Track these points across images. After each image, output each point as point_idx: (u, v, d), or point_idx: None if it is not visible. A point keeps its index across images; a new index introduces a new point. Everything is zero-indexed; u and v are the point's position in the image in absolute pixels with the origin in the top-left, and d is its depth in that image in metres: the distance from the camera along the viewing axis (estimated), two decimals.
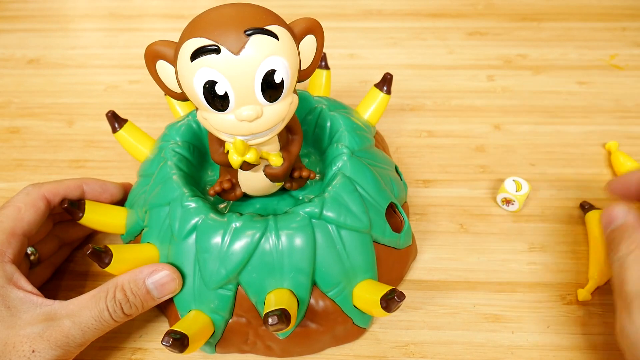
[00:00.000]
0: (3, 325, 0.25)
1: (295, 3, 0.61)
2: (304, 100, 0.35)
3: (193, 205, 0.28)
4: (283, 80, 0.24)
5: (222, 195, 0.31)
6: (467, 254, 0.35)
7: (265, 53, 0.23)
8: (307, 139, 0.35)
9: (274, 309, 0.24)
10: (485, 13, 0.58)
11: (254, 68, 0.23)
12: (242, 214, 0.28)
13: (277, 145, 0.28)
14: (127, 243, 0.33)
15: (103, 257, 0.26)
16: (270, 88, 0.24)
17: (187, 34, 0.23)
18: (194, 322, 0.27)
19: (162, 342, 0.24)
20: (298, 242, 0.27)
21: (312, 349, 0.30)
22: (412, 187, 0.39)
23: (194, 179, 0.33)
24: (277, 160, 0.28)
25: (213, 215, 0.28)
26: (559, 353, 0.30)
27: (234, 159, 0.26)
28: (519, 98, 0.47)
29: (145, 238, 0.30)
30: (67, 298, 0.27)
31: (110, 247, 0.27)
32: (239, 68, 0.23)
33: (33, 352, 0.25)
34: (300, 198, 0.32)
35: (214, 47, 0.22)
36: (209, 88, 0.23)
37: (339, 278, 0.28)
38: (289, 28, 0.24)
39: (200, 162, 0.34)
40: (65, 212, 0.31)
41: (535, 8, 0.58)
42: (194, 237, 0.28)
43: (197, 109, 0.26)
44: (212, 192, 0.29)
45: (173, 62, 0.24)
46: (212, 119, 0.25)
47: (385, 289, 0.26)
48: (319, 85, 0.39)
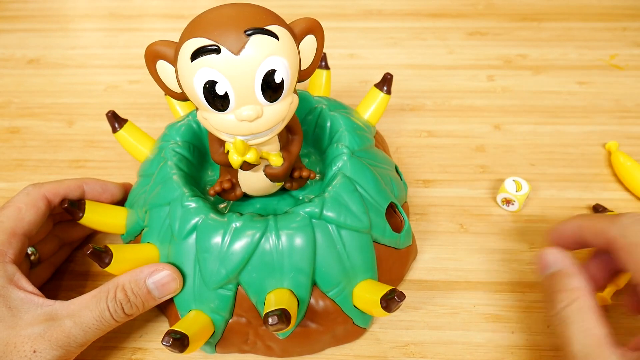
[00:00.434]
0: (4, 326, 0.25)
1: (295, 3, 0.61)
2: (304, 100, 0.35)
3: (193, 205, 0.28)
4: (283, 80, 0.24)
5: (222, 195, 0.31)
6: (467, 254, 0.35)
7: (266, 53, 0.23)
8: (307, 139, 0.35)
9: (274, 309, 0.24)
10: (485, 13, 0.58)
11: (254, 68, 0.23)
12: (242, 214, 0.28)
13: (277, 145, 0.28)
14: (127, 243, 0.33)
15: (103, 257, 0.26)
16: (271, 88, 0.24)
17: (187, 34, 0.23)
18: (194, 322, 0.27)
19: (162, 342, 0.24)
20: (298, 242, 0.27)
21: (312, 349, 0.30)
22: (412, 187, 0.39)
23: (194, 179, 0.33)
24: (277, 160, 0.28)
25: (213, 215, 0.28)
26: (559, 353, 0.30)
27: (234, 159, 0.26)
28: (519, 98, 0.47)
29: (146, 238, 0.30)
30: (67, 298, 0.27)
31: (111, 247, 0.27)
32: (239, 68, 0.23)
33: (34, 352, 0.25)
34: (300, 198, 0.32)
35: (214, 47, 0.22)
36: (209, 88, 0.23)
37: (339, 278, 0.28)
38: (289, 28, 0.24)
39: (200, 162, 0.34)
40: (66, 212, 0.31)
41: (535, 8, 0.58)
42: (194, 237, 0.28)
43: (197, 109, 0.26)
44: (212, 192, 0.29)
45: (173, 62, 0.24)
46: (212, 119, 0.25)
47: (385, 289, 0.26)
48: (319, 85, 0.39)
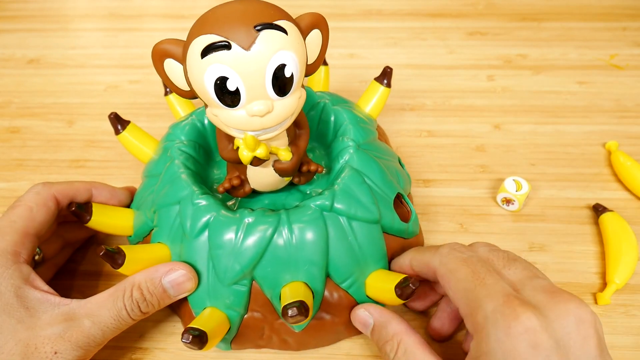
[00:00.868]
0: (23, 327, 0.25)
1: (295, 3, 0.61)
2: (307, 96, 0.34)
3: (204, 203, 0.28)
4: (293, 75, 0.24)
5: (231, 192, 0.31)
6: None
7: (276, 48, 0.23)
8: (311, 134, 0.35)
9: (293, 301, 0.24)
10: (485, 13, 0.58)
11: (265, 63, 0.23)
12: (253, 210, 0.28)
13: (285, 140, 0.28)
14: (135, 244, 0.32)
15: (116, 258, 0.26)
16: (281, 82, 0.24)
17: (196, 31, 0.23)
18: (210, 319, 0.27)
19: (182, 339, 0.24)
20: (311, 235, 0.27)
21: (327, 341, 0.31)
22: (412, 186, 0.39)
23: (202, 178, 0.32)
24: (286, 155, 0.28)
25: (225, 212, 0.28)
26: None
27: (245, 155, 0.26)
28: (519, 98, 0.47)
29: (156, 238, 0.30)
30: (81, 298, 0.27)
31: (122, 247, 0.27)
32: (250, 63, 0.23)
33: (55, 353, 0.25)
34: (308, 192, 0.33)
35: (225, 43, 0.22)
36: (220, 84, 0.23)
37: (352, 269, 0.28)
38: (296, 23, 0.25)
39: (206, 160, 0.34)
40: (73, 215, 0.30)
41: (535, 8, 0.58)
42: (207, 234, 0.28)
43: (206, 106, 0.26)
44: (221, 189, 0.29)
45: (181, 60, 0.24)
46: (222, 116, 0.25)
47: (399, 278, 0.26)
48: (318, 81, 0.39)
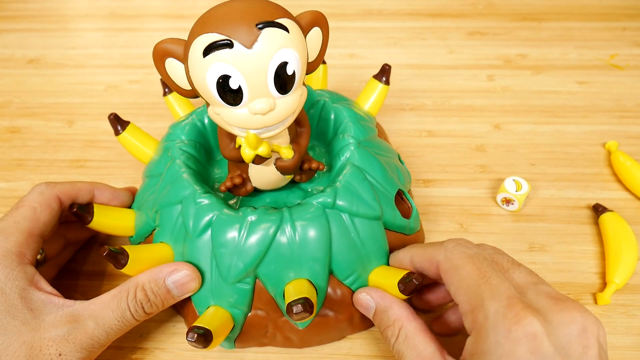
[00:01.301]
0: (27, 329, 0.25)
1: (295, 2, 0.60)
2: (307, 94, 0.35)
3: (206, 202, 0.28)
4: (294, 72, 0.24)
5: (233, 191, 0.31)
6: None
7: (277, 46, 0.23)
8: (311, 132, 0.35)
9: (297, 298, 0.25)
10: (485, 13, 0.58)
11: (267, 61, 0.23)
12: (256, 208, 0.28)
13: (287, 138, 0.28)
14: (137, 244, 0.32)
15: (120, 258, 0.26)
16: (283, 80, 0.24)
17: (197, 30, 0.23)
18: (214, 317, 0.27)
19: (187, 338, 0.24)
20: (313, 232, 0.27)
21: (330, 338, 0.31)
22: (412, 186, 0.39)
23: (203, 177, 0.32)
24: (287, 153, 0.28)
25: (227, 211, 0.28)
26: None
27: (247, 153, 0.26)
28: (519, 98, 0.47)
29: (158, 238, 0.30)
30: (83, 299, 0.27)
31: (125, 248, 0.27)
32: (253, 61, 0.23)
33: (59, 355, 0.25)
34: (310, 190, 0.33)
35: (227, 41, 0.22)
36: (223, 83, 0.23)
37: (355, 266, 0.28)
38: (297, 21, 0.25)
39: (207, 160, 0.34)
40: (74, 216, 0.30)
41: (535, 8, 0.58)
42: (209, 233, 0.28)
43: (207, 105, 0.26)
44: (223, 187, 0.29)
45: (183, 59, 0.24)
46: (224, 114, 0.25)
47: (401, 273, 0.26)
48: (317, 79, 0.39)
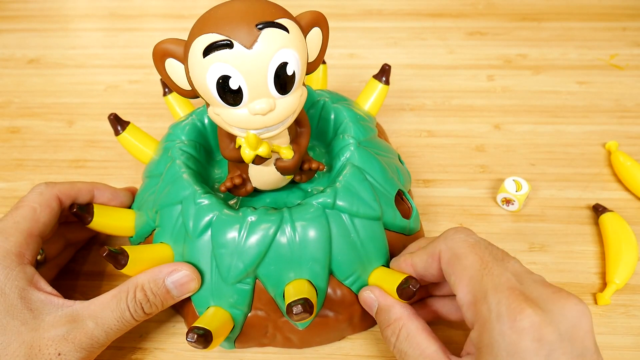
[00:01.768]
0: (27, 328, 0.25)
1: (295, 3, 0.60)
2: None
3: (206, 202, 0.28)
4: (294, 73, 0.24)
5: (233, 191, 0.31)
6: None
7: (277, 46, 0.23)
8: (311, 132, 0.35)
9: (297, 299, 0.25)
10: (485, 13, 0.58)
11: (267, 61, 0.23)
12: (256, 208, 0.28)
13: (287, 139, 0.28)
14: (137, 245, 0.32)
15: (120, 258, 0.26)
16: (283, 81, 0.24)
17: (197, 31, 0.23)
18: (214, 318, 0.27)
19: (186, 338, 0.24)
20: (313, 232, 0.27)
21: (330, 338, 0.31)
22: (412, 186, 0.39)
23: (203, 177, 0.32)
24: (287, 153, 0.28)
25: (227, 211, 0.28)
26: None
27: (247, 153, 0.26)
28: (519, 98, 0.47)
29: (158, 238, 0.30)
30: (83, 299, 0.27)
31: (125, 248, 0.27)
32: (253, 62, 0.23)
33: (59, 355, 0.25)
34: (310, 190, 0.33)
35: (227, 41, 0.22)
36: (223, 83, 0.23)
37: (355, 266, 0.28)
38: (297, 21, 0.25)
39: (207, 160, 0.34)
40: (74, 216, 0.30)
41: (535, 8, 0.58)
42: (209, 233, 0.28)
43: (207, 106, 0.26)
44: (223, 188, 0.29)
45: (183, 59, 0.24)
46: (224, 114, 0.25)
47: (400, 278, 0.26)
48: (317, 79, 0.39)
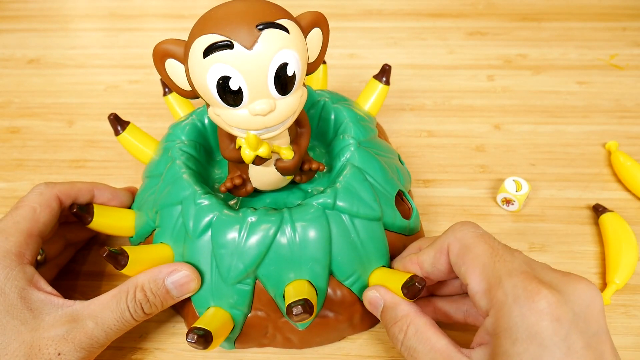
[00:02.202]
0: (27, 328, 0.25)
1: (295, 3, 0.60)
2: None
3: (206, 203, 0.28)
4: (295, 73, 0.24)
5: (233, 192, 0.31)
6: None
7: (278, 47, 0.23)
8: (311, 133, 0.35)
9: (297, 299, 0.25)
10: (485, 13, 0.58)
11: (267, 62, 0.23)
12: (256, 209, 0.28)
13: (287, 139, 0.28)
14: (136, 245, 0.32)
15: (120, 259, 0.26)
16: (283, 81, 0.24)
17: (197, 31, 0.23)
18: (214, 318, 0.27)
19: (187, 339, 0.24)
20: (313, 233, 0.27)
21: (330, 338, 0.31)
22: (412, 187, 0.39)
23: (203, 178, 0.32)
24: (288, 154, 0.28)
25: (227, 211, 0.28)
26: None
27: (247, 154, 0.26)
28: (519, 98, 0.47)
29: (158, 238, 0.30)
30: (83, 299, 0.27)
31: (125, 248, 0.27)
32: (253, 62, 0.23)
33: (59, 354, 0.25)
34: (310, 191, 0.33)
35: (227, 42, 0.22)
36: (223, 84, 0.23)
37: (355, 267, 0.28)
38: (297, 21, 0.25)
39: (207, 160, 0.34)
40: (74, 216, 0.30)
41: (535, 8, 0.58)
42: (209, 234, 0.28)
43: (207, 106, 0.26)
44: (223, 188, 0.29)
45: (183, 60, 0.24)
46: (224, 115, 0.25)
47: (404, 277, 0.26)
48: (317, 80, 0.39)
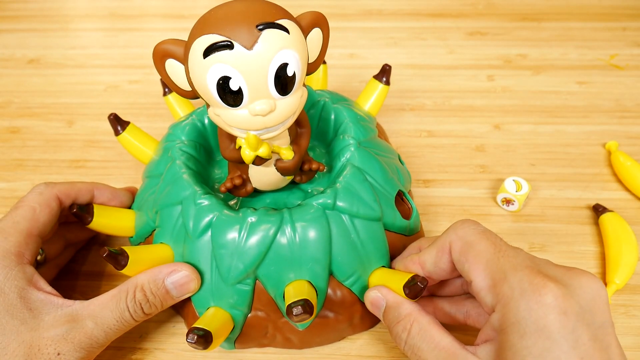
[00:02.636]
0: (26, 328, 0.25)
1: (295, 3, 0.60)
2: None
3: (206, 203, 0.28)
4: (295, 74, 0.24)
5: (233, 192, 0.31)
6: None
7: (278, 47, 0.23)
8: (311, 133, 0.35)
9: (297, 300, 0.24)
10: (485, 13, 0.58)
11: (267, 62, 0.23)
12: (256, 209, 0.28)
13: (287, 139, 0.28)
14: (136, 245, 0.32)
15: (120, 259, 0.26)
16: (283, 81, 0.24)
17: (198, 31, 0.23)
18: (214, 318, 0.27)
19: (186, 339, 0.24)
20: (313, 233, 0.27)
21: (330, 338, 0.31)
22: (412, 187, 0.39)
23: (203, 178, 0.32)
24: (288, 154, 0.28)
25: (227, 212, 0.28)
26: None
27: (247, 154, 0.26)
28: (519, 98, 0.47)
29: (158, 238, 0.30)
30: (83, 299, 0.27)
31: (125, 248, 0.27)
32: (253, 63, 0.23)
33: (58, 354, 0.25)
34: (310, 191, 0.33)
35: (227, 42, 0.22)
36: (223, 84, 0.23)
37: (355, 267, 0.28)
38: (297, 22, 0.25)
39: (207, 160, 0.34)
40: (74, 216, 0.30)
41: (535, 8, 0.58)
42: (209, 234, 0.28)
43: (207, 106, 0.26)
44: (223, 188, 0.29)
45: (183, 60, 0.24)
46: (224, 115, 0.25)
47: (405, 277, 0.26)
48: (317, 80, 0.39)
